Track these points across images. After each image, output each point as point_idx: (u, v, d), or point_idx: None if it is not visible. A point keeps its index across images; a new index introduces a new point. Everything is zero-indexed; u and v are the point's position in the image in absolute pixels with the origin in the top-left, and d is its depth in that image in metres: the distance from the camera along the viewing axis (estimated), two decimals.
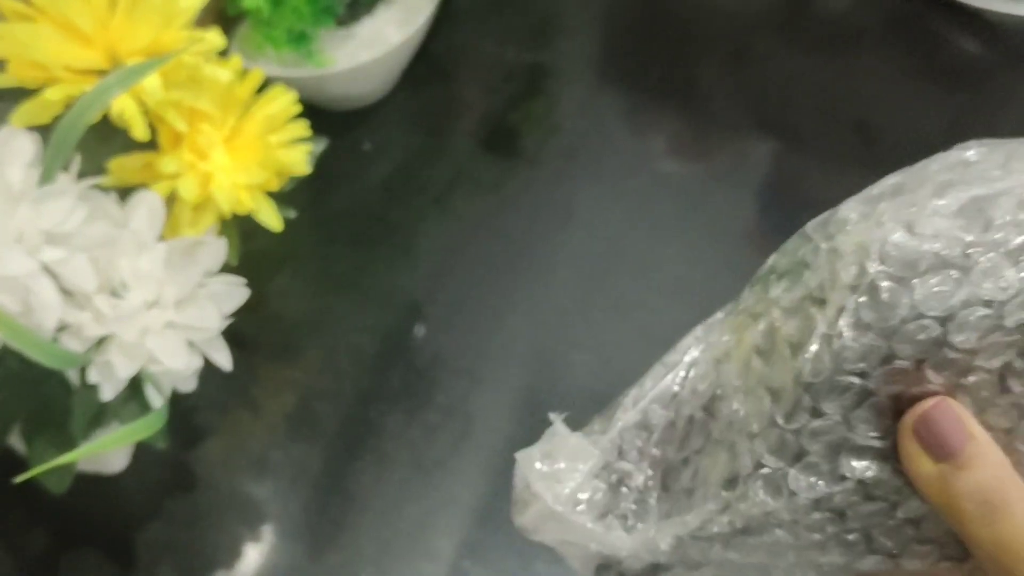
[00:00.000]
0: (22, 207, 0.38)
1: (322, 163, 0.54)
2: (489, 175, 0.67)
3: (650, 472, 0.31)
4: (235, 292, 0.44)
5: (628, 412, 0.32)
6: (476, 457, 0.53)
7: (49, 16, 0.42)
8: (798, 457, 0.27)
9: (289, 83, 0.51)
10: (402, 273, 0.62)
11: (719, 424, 0.29)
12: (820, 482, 0.27)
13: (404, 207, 0.65)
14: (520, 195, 0.66)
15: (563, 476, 0.31)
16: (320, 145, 0.53)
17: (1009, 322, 0.25)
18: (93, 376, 0.40)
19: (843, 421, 0.26)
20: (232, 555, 0.51)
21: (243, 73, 0.48)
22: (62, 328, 0.39)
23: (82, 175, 0.41)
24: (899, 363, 0.25)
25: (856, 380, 0.26)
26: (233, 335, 0.44)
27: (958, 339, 0.25)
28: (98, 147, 0.44)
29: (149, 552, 0.51)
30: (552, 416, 0.33)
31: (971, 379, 0.26)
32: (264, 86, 0.49)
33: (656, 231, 0.63)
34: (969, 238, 0.25)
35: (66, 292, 0.39)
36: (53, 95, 0.41)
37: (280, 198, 0.50)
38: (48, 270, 0.38)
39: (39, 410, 0.42)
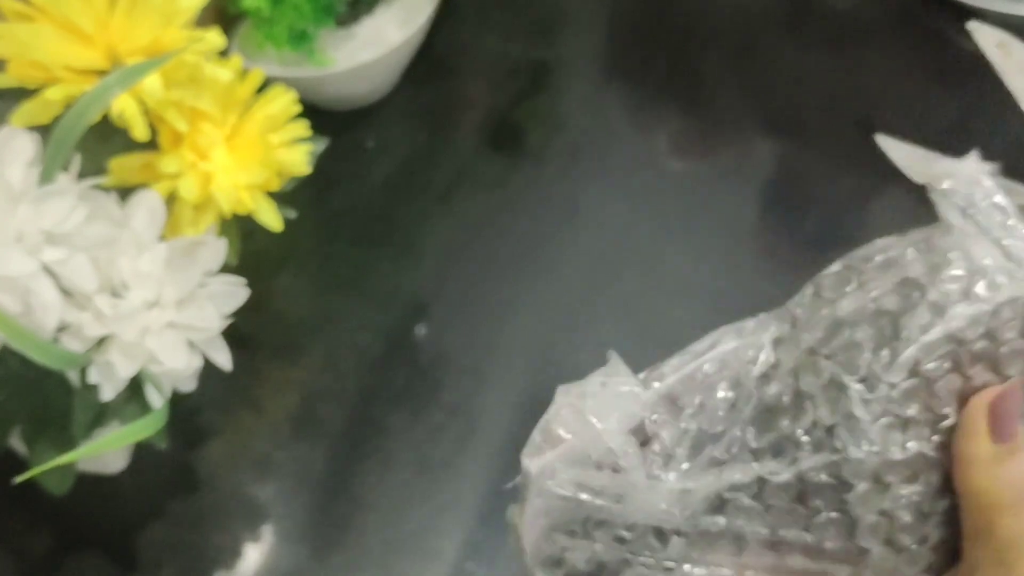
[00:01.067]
0: (22, 207, 0.38)
1: (324, 162, 0.53)
2: (492, 173, 0.67)
3: (681, 438, 0.31)
4: (235, 292, 0.44)
5: (668, 379, 0.31)
6: (481, 457, 0.53)
7: (49, 16, 0.42)
8: (884, 414, 0.28)
9: (289, 83, 0.51)
10: (405, 272, 0.62)
11: (776, 392, 0.30)
12: (894, 444, 0.28)
13: (407, 206, 0.65)
14: (524, 193, 0.65)
15: (601, 418, 0.31)
16: (321, 145, 0.53)
17: None
18: (93, 376, 0.40)
19: (926, 388, 0.28)
20: (234, 556, 0.51)
21: (243, 73, 0.48)
22: (62, 328, 0.39)
23: (82, 175, 0.41)
24: (986, 344, 0.28)
25: (954, 348, 0.28)
26: (234, 335, 0.44)
27: None
28: (98, 147, 0.43)
29: (150, 553, 0.51)
30: (611, 353, 0.33)
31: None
32: (264, 86, 0.49)
33: (661, 228, 0.62)
34: None
35: (66, 292, 0.39)
36: (53, 95, 0.41)
37: (281, 198, 0.50)
38: (48, 270, 0.38)
39: (39, 410, 0.42)
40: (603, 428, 0.30)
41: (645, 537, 0.30)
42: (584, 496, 0.30)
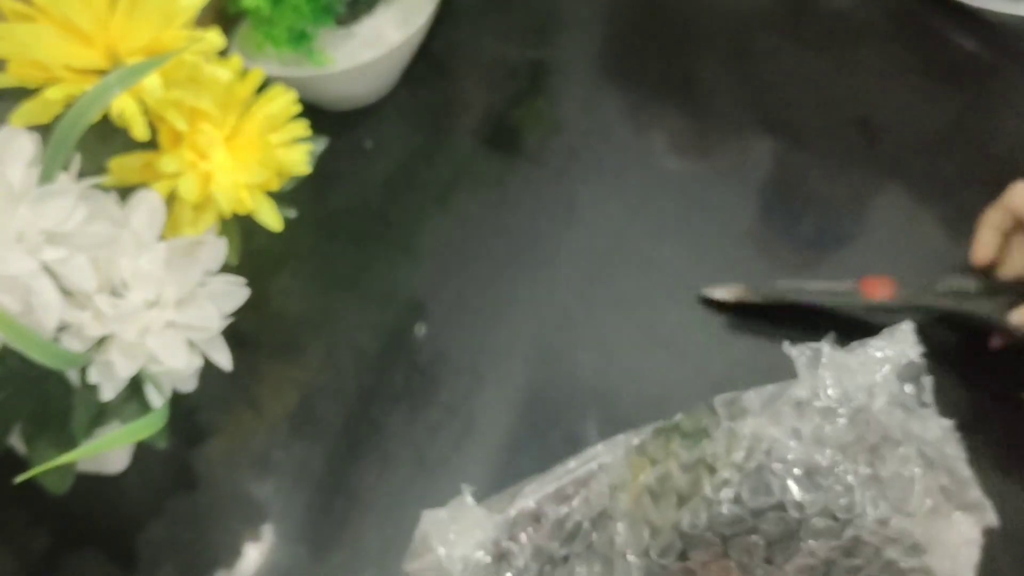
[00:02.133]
0: (22, 207, 0.38)
1: (323, 162, 0.54)
2: (490, 173, 0.67)
3: (532, 560, 0.36)
4: (235, 291, 0.44)
5: (525, 500, 0.37)
6: (478, 455, 0.53)
7: (49, 16, 0.42)
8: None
9: (289, 83, 0.51)
10: (404, 271, 0.62)
11: (602, 538, 0.35)
12: None
13: (405, 205, 0.65)
14: (521, 193, 0.66)
15: (460, 539, 0.37)
16: (320, 144, 0.53)
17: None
18: (93, 376, 0.40)
19: (697, 570, 0.32)
20: (234, 554, 0.51)
21: (243, 72, 0.48)
22: (62, 328, 0.39)
23: (82, 175, 0.41)
24: (754, 538, 0.31)
25: (718, 541, 0.32)
26: (234, 334, 0.44)
27: (804, 537, 0.31)
28: (98, 147, 0.44)
29: (150, 552, 0.51)
30: (463, 487, 0.39)
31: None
32: (264, 86, 0.49)
33: (657, 228, 0.63)
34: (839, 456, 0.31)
35: (66, 292, 0.39)
36: (53, 95, 0.41)
37: (280, 197, 0.50)
38: (48, 270, 0.38)
39: (40, 410, 0.42)
40: (459, 550, 0.36)
41: None
42: None
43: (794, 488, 0.30)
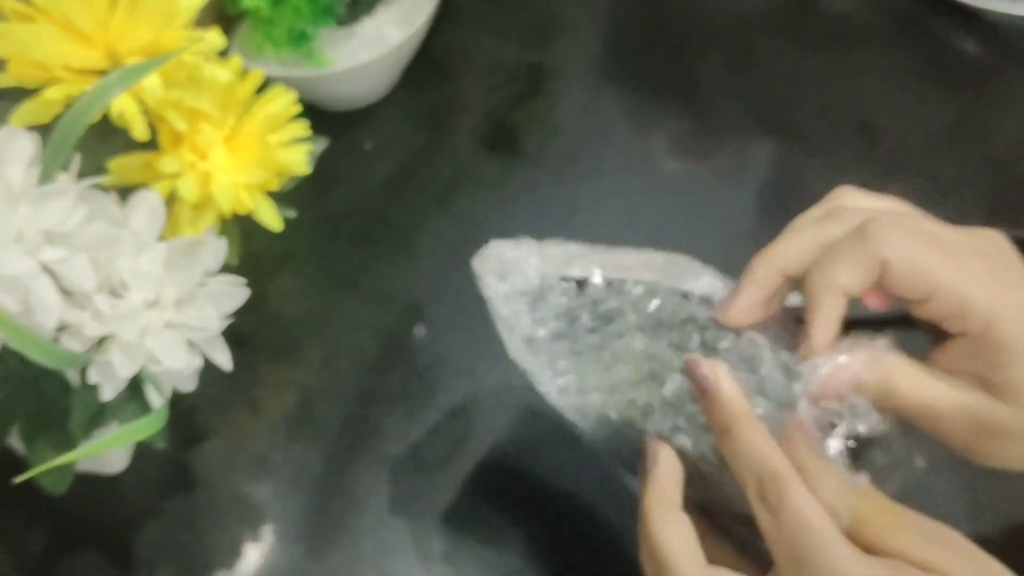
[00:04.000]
0: (22, 207, 0.38)
1: (323, 162, 0.54)
2: (490, 174, 0.67)
3: (557, 319, 0.44)
4: (235, 292, 0.44)
5: (577, 268, 0.45)
6: (477, 458, 0.53)
7: (49, 16, 0.42)
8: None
9: (289, 83, 0.51)
10: (403, 273, 0.62)
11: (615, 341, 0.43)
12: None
13: (405, 206, 0.65)
14: (521, 194, 0.66)
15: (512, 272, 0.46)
16: (320, 145, 0.53)
17: None
18: (93, 376, 0.40)
19: None
20: (232, 555, 0.51)
21: (243, 73, 0.48)
22: (62, 328, 0.39)
23: (82, 175, 0.41)
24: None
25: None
26: (233, 335, 0.44)
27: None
28: (98, 147, 0.44)
29: (149, 552, 0.51)
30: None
31: None
32: (264, 86, 0.49)
33: (657, 230, 0.63)
34: None
35: (66, 292, 0.39)
36: (53, 95, 0.41)
37: (280, 198, 0.50)
38: (48, 270, 0.38)
39: (39, 410, 0.42)
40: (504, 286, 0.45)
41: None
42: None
43: None
